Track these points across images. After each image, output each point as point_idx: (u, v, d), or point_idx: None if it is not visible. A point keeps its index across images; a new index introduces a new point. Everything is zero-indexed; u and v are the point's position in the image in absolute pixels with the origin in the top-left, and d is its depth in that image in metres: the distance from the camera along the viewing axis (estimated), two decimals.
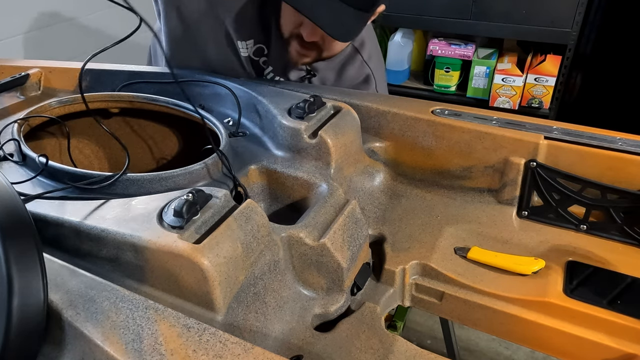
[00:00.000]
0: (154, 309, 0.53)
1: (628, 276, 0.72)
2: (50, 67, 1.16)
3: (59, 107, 0.99)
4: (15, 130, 0.86)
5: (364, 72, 1.11)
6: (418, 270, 0.77)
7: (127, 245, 0.60)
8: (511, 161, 0.82)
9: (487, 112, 0.90)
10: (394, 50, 2.43)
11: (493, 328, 0.73)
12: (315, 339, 0.65)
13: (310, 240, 0.68)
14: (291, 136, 0.84)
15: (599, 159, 0.78)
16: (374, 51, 1.12)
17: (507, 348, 1.73)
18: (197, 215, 0.62)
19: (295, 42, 0.93)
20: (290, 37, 0.93)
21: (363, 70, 1.10)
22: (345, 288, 0.70)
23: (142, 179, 0.74)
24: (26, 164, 0.80)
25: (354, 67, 1.10)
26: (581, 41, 2.19)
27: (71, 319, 0.52)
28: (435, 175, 0.91)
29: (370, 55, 1.10)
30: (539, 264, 0.73)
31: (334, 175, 0.82)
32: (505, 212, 0.85)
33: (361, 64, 1.10)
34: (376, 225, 0.85)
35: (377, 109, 0.92)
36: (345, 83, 1.12)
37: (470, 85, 2.33)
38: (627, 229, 0.78)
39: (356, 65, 1.09)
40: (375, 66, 1.12)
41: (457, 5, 2.18)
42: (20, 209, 0.55)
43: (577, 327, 0.67)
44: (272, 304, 0.66)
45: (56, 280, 0.56)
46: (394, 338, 0.64)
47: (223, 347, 0.49)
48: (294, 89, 0.98)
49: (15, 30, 1.88)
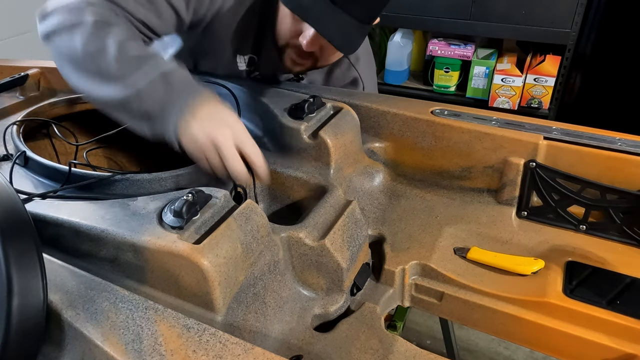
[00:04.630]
0: (154, 309, 0.53)
1: (627, 276, 0.72)
2: (49, 67, 1.16)
3: (59, 108, 0.99)
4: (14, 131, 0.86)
5: (351, 75, 1.11)
6: (418, 271, 0.77)
7: (126, 245, 0.60)
8: (510, 161, 0.83)
9: (486, 112, 0.90)
10: (393, 50, 2.43)
11: (493, 328, 0.73)
12: (315, 339, 0.65)
13: (310, 240, 0.68)
14: (291, 136, 0.84)
15: (598, 159, 0.78)
16: (363, 54, 1.12)
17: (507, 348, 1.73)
18: (196, 216, 0.62)
19: (291, 51, 0.93)
20: (286, 45, 0.93)
21: (350, 73, 1.11)
22: (345, 288, 0.70)
23: (142, 179, 0.74)
24: (27, 166, 0.80)
25: (341, 69, 1.10)
26: (580, 41, 2.19)
27: (71, 319, 0.52)
28: (434, 176, 0.91)
29: (358, 58, 1.10)
30: (539, 264, 0.73)
31: (334, 175, 0.82)
32: (505, 212, 0.85)
33: (348, 67, 1.10)
34: (376, 225, 0.85)
35: (376, 109, 0.92)
36: (332, 85, 1.12)
37: (469, 85, 2.33)
38: (627, 229, 0.78)
39: (343, 68, 1.10)
40: (364, 69, 1.12)
41: (457, 6, 2.17)
42: (20, 209, 0.55)
43: (577, 327, 0.67)
44: (271, 304, 0.66)
45: (56, 281, 0.56)
46: (393, 338, 0.64)
47: (223, 347, 0.49)
48: (294, 89, 0.98)
49: (15, 30, 1.88)
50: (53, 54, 0.77)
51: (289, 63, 0.96)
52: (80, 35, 0.73)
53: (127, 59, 0.72)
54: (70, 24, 0.74)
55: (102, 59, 0.72)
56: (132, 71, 0.71)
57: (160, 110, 0.70)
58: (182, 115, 0.69)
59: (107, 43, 0.72)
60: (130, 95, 0.70)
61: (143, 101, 0.70)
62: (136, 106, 0.71)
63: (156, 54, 0.75)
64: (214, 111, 0.71)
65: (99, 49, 0.72)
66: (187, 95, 0.71)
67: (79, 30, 0.73)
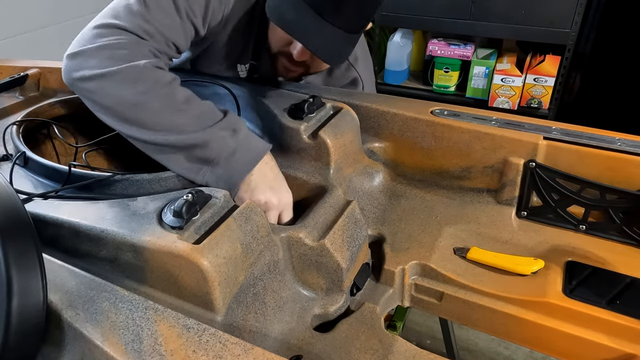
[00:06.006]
0: (154, 309, 0.53)
1: (627, 276, 0.72)
2: (49, 67, 1.16)
3: (58, 108, 0.99)
4: (14, 132, 0.86)
5: (351, 75, 1.11)
6: (417, 271, 0.77)
7: (126, 245, 0.60)
8: (510, 161, 0.83)
9: (486, 112, 0.90)
10: (393, 50, 2.43)
11: (492, 328, 0.73)
12: (314, 339, 0.65)
13: (310, 240, 0.68)
14: (290, 136, 0.84)
15: (598, 159, 0.78)
16: (361, 53, 1.12)
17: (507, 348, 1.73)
18: (196, 216, 0.62)
19: (283, 59, 0.93)
20: (278, 53, 0.93)
21: (350, 73, 1.11)
22: (344, 288, 0.70)
23: (141, 179, 0.74)
24: (27, 166, 0.80)
25: (340, 70, 1.10)
26: (580, 41, 2.19)
27: (71, 320, 0.52)
28: (434, 176, 0.91)
29: (357, 58, 1.10)
30: (538, 264, 0.73)
31: (334, 175, 0.82)
32: (505, 212, 0.85)
33: (347, 67, 1.10)
34: (375, 225, 0.85)
35: (376, 109, 0.92)
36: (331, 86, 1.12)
37: (469, 85, 2.33)
38: (626, 229, 0.78)
39: (342, 68, 1.10)
40: (363, 69, 1.12)
41: (457, 6, 2.18)
42: (20, 209, 0.55)
43: (577, 327, 0.67)
44: (271, 305, 0.66)
45: (55, 281, 0.56)
46: (393, 338, 0.64)
47: (223, 347, 0.49)
48: (294, 89, 0.98)
49: (15, 30, 1.88)
50: (85, 98, 0.75)
51: (281, 70, 0.97)
52: (125, 85, 0.72)
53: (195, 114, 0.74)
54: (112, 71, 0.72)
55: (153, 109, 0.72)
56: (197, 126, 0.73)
57: (228, 157, 0.73)
58: (249, 169, 0.74)
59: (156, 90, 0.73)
60: (195, 144, 0.72)
61: (208, 148, 0.73)
62: (198, 153, 0.73)
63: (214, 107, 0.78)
64: (274, 173, 0.78)
65: (146, 99, 0.72)
66: (253, 149, 0.76)
67: (119, 77, 0.72)
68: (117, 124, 0.73)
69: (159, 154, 0.74)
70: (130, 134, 0.74)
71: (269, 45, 0.93)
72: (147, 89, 0.72)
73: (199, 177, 0.74)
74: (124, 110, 0.72)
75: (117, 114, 0.72)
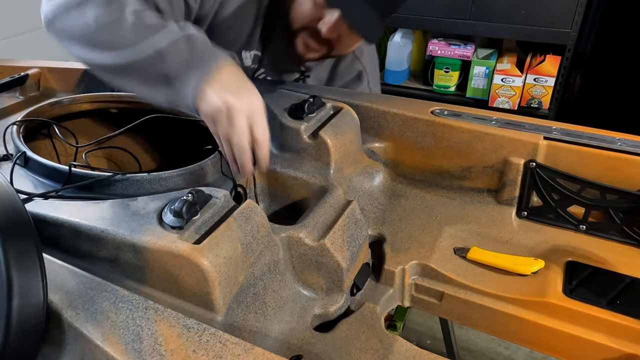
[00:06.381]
0: (154, 309, 0.53)
1: (627, 276, 0.72)
2: (49, 67, 1.16)
3: (58, 108, 0.99)
4: (14, 132, 0.86)
5: (356, 69, 1.11)
6: (418, 271, 0.77)
7: (126, 245, 0.60)
8: (510, 161, 0.83)
9: (486, 112, 0.90)
10: (393, 50, 2.43)
11: (493, 328, 0.73)
12: (315, 339, 0.65)
13: (310, 240, 0.68)
14: (291, 136, 0.84)
15: (598, 159, 0.78)
16: (367, 47, 1.11)
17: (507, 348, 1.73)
18: (196, 216, 0.62)
19: (306, 36, 0.91)
20: (302, 30, 0.91)
21: (355, 66, 1.10)
22: (344, 288, 0.70)
23: (141, 179, 0.74)
24: (28, 166, 0.80)
25: (346, 63, 1.09)
26: (580, 41, 2.19)
27: (71, 320, 0.52)
28: (434, 176, 0.91)
29: (362, 50, 1.10)
30: (539, 264, 0.73)
31: (334, 175, 0.82)
32: (505, 212, 0.85)
33: (352, 60, 1.09)
34: (376, 225, 0.85)
35: (376, 109, 0.92)
36: (337, 80, 1.11)
37: (469, 85, 2.33)
38: (627, 229, 0.78)
39: (347, 61, 1.09)
40: (368, 62, 1.12)
41: (457, 6, 2.17)
42: (20, 209, 0.55)
43: (577, 327, 0.67)
44: (271, 304, 0.66)
45: (56, 281, 0.56)
46: (393, 338, 0.64)
47: (223, 347, 0.49)
48: (294, 89, 0.98)
49: (15, 30, 1.88)
50: (59, 35, 0.75)
51: (301, 48, 0.94)
52: (92, 10, 0.71)
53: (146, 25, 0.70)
54: (79, 0, 0.72)
55: (119, 28, 0.70)
56: (153, 34, 0.69)
57: (183, 71, 0.68)
58: (203, 77, 0.67)
59: (124, 13, 0.71)
60: (150, 56, 0.68)
61: (164, 61, 0.68)
62: (156, 68, 0.69)
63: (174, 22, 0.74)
64: (236, 78, 0.70)
65: (114, 19, 0.70)
66: (210, 58, 0.69)
67: (89, 5, 0.71)
68: (86, 51, 0.72)
69: (122, 77, 0.72)
70: (99, 61, 0.72)
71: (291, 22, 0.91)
72: (119, 8, 0.71)
73: (160, 96, 0.71)
74: (93, 33, 0.71)
75: (87, 38, 0.72)
